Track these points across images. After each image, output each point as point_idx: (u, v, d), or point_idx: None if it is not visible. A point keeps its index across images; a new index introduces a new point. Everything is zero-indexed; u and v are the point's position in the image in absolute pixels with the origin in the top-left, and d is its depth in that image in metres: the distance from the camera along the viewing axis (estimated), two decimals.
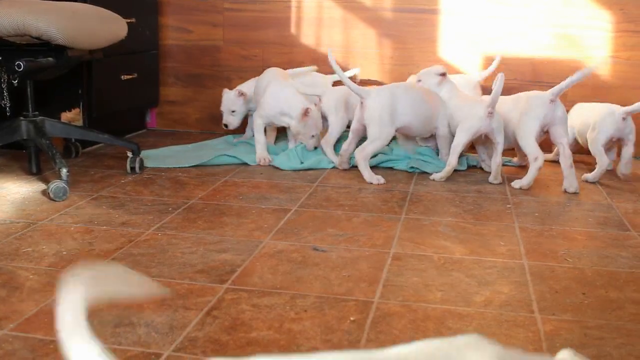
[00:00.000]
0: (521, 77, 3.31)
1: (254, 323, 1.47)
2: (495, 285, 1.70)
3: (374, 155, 2.83)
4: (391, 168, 2.89)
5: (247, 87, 3.26)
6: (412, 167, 2.84)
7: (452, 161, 2.67)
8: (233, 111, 3.21)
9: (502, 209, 2.36)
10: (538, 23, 3.28)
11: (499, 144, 2.68)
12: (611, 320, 1.53)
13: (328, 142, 2.94)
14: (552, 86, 2.66)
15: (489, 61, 3.32)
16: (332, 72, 2.92)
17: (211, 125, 3.65)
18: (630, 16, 3.20)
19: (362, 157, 2.66)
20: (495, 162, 2.68)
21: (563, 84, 2.60)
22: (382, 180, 2.64)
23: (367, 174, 2.66)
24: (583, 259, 1.91)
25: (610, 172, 2.91)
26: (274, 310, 1.53)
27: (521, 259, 1.89)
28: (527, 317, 1.53)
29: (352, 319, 1.50)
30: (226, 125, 3.23)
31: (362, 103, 2.72)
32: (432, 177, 2.73)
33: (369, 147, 2.68)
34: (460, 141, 2.68)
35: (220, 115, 3.19)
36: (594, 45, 3.24)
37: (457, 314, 1.54)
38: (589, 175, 2.76)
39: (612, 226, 2.21)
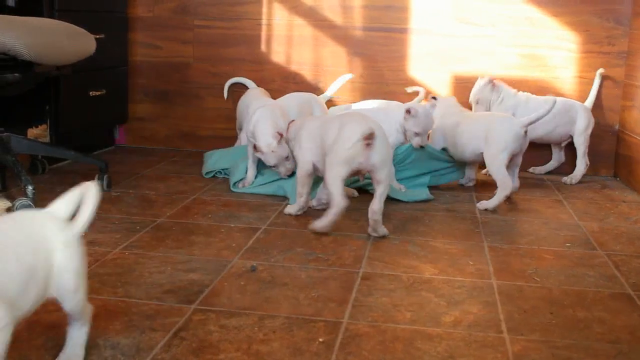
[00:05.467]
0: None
1: (221, 345, 1.45)
2: (464, 305, 1.71)
3: (356, 180, 2.67)
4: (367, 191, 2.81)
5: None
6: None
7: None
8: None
9: (471, 228, 2.37)
10: (505, 43, 3.31)
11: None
12: (579, 340, 1.54)
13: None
14: None
15: (457, 80, 3.35)
16: None
17: (180, 142, 3.62)
18: (595, 38, 3.25)
19: None
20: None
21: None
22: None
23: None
24: (551, 278, 1.92)
25: (582, 189, 2.96)
26: (242, 331, 1.52)
27: (490, 278, 1.90)
28: (495, 338, 1.53)
29: (321, 340, 1.49)
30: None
31: None
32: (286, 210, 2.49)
33: None
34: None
35: (190, 132, 3.14)
36: (560, 65, 3.29)
37: (426, 335, 1.53)
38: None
39: (579, 245, 2.23)
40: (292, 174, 2.68)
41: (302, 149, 2.41)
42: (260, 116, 2.69)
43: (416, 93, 3.32)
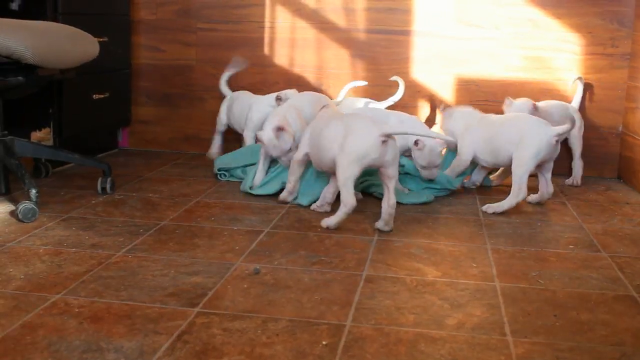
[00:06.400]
0: (492, 98, 3.34)
1: (225, 348, 1.45)
2: (468, 308, 1.70)
3: (363, 181, 2.72)
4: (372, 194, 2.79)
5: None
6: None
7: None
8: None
9: (474, 231, 2.37)
10: (508, 45, 3.31)
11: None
12: (582, 343, 1.54)
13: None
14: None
15: (460, 82, 3.35)
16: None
17: (183, 145, 3.63)
18: (599, 39, 3.24)
19: None
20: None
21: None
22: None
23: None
24: (554, 280, 1.92)
25: (585, 191, 2.95)
26: (245, 334, 1.52)
27: (493, 280, 1.90)
28: (499, 340, 1.53)
29: (324, 343, 1.49)
30: None
31: None
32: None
33: None
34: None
35: (193, 135, 3.15)
36: (563, 67, 3.29)
37: (430, 337, 1.53)
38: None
39: (583, 247, 2.23)
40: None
41: (302, 140, 2.55)
42: (273, 112, 2.88)
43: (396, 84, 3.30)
